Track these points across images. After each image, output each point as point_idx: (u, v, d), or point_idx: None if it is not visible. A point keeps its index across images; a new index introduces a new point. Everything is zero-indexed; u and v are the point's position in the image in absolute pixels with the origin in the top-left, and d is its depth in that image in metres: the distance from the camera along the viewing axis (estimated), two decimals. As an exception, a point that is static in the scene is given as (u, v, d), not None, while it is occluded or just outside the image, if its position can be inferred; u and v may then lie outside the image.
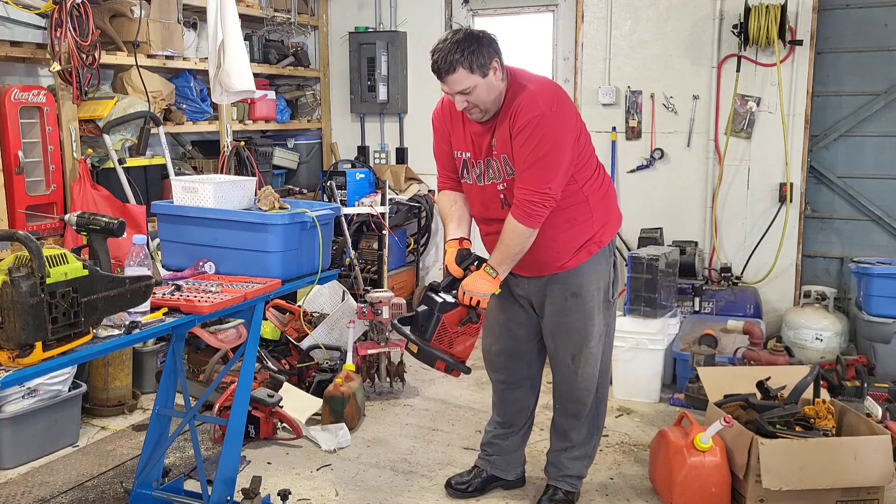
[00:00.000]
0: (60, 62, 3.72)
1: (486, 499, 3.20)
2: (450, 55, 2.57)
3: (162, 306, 2.32)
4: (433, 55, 2.62)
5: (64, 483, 3.29)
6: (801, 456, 2.87)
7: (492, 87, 2.62)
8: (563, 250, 2.84)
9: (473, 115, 2.71)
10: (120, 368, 3.98)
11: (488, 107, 2.66)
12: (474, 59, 2.57)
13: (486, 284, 2.72)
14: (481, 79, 2.59)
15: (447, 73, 2.59)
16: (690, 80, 5.20)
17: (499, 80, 2.63)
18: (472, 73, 2.57)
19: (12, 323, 1.84)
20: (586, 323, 2.91)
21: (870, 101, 4.93)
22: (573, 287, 2.87)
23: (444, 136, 2.91)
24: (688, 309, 4.91)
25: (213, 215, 2.78)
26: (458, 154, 2.86)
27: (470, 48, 2.56)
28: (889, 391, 3.89)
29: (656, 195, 5.35)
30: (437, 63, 2.60)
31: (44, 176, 3.88)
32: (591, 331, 2.92)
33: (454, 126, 2.85)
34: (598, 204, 2.87)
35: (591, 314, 2.91)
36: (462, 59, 2.56)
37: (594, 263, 2.89)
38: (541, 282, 2.91)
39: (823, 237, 5.18)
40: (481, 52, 2.58)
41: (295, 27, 5.80)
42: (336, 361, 4.24)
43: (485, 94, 2.62)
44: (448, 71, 2.58)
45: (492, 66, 2.60)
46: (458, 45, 2.57)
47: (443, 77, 2.61)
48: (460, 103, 2.65)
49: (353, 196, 5.49)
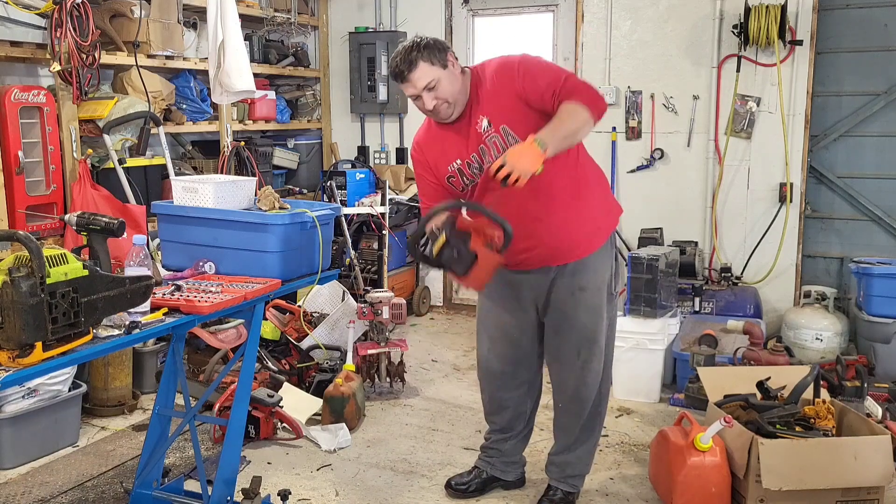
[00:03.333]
0: (60, 62, 3.72)
1: (485, 499, 3.20)
2: (408, 55, 2.66)
3: (162, 306, 2.32)
4: (391, 64, 2.72)
5: (64, 483, 3.29)
6: (801, 456, 2.87)
7: (454, 78, 2.70)
8: (577, 233, 2.82)
9: (442, 112, 2.73)
10: (120, 368, 3.98)
11: (456, 98, 2.71)
12: (431, 52, 2.66)
13: (532, 159, 2.41)
14: (442, 70, 2.66)
15: (409, 70, 2.66)
16: (690, 80, 5.20)
17: (458, 73, 2.72)
18: (433, 65, 2.66)
19: (12, 323, 1.84)
20: (593, 317, 2.90)
21: (870, 101, 4.94)
22: (580, 281, 2.87)
23: (428, 167, 2.89)
24: (688, 309, 4.91)
25: (213, 215, 2.77)
26: (451, 169, 2.82)
27: (424, 45, 2.67)
28: (889, 391, 3.89)
29: (656, 195, 5.35)
30: (399, 65, 2.67)
31: (44, 176, 3.88)
32: (598, 325, 2.92)
33: (437, 145, 2.84)
34: (598, 185, 2.92)
35: (598, 308, 2.91)
36: (420, 54, 2.65)
37: (600, 256, 2.89)
38: (548, 277, 2.88)
39: (823, 237, 5.18)
40: (436, 46, 2.68)
41: (295, 27, 5.80)
42: (336, 361, 4.24)
43: (449, 86, 2.68)
44: (410, 68, 2.66)
45: (449, 59, 2.69)
46: (414, 45, 2.68)
47: (405, 76, 2.67)
48: (429, 101, 2.69)
49: (353, 196, 5.49)
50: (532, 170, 2.40)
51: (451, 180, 2.85)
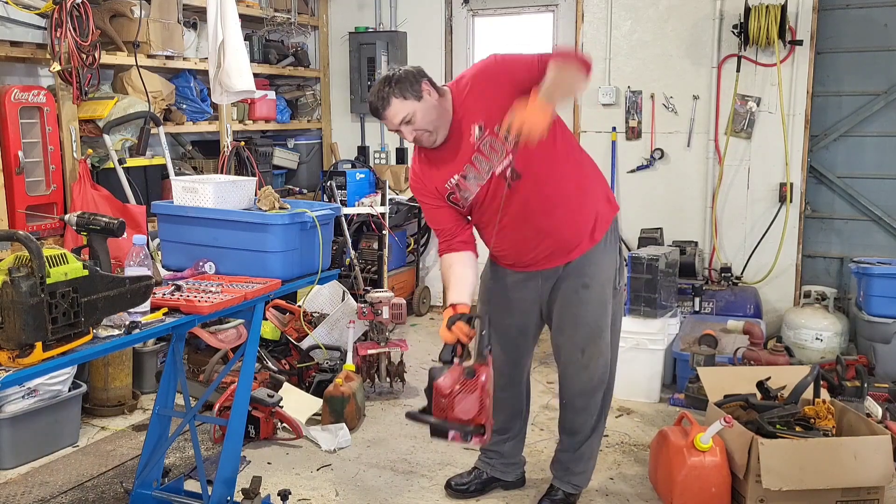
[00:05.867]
0: (60, 62, 3.72)
1: (485, 499, 3.20)
2: (380, 92, 2.67)
3: (162, 306, 2.32)
4: (368, 99, 2.74)
5: (64, 483, 3.29)
6: (801, 456, 2.87)
7: (430, 108, 2.67)
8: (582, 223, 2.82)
9: (424, 141, 2.73)
10: (120, 368, 3.98)
11: (436, 125, 2.70)
12: (403, 87, 2.65)
13: (539, 111, 2.43)
14: (417, 102, 2.65)
15: (384, 108, 2.67)
16: (690, 80, 5.20)
17: (435, 99, 2.69)
18: (406, 99, 2.65)
19: (12, 323, 1.84)
20: (597, 313, 2.90)
21: (870, 101, 4.93)
22: (585, 278, 2.86)
23: (428, 192, 2.88)
24: (688, 309, 4.91)
25: (213, 215, 2.78)
26: (449, 185, 2.81)
27: (396, 80, 2.66)
28: (889, 391, 3.89)
29: (656, 195, 5.35)
30: (374, 104, 2.69)
31: (44, 176, 3.88)
32: (603, 321, 2.92)
33: (433, 169, 2.83)
34: (593, 173, 2.93)
35: (603, 304, 2.91)
36: (392, 90, 2.65)
37: (603, 251, 2.88)
38: (553, 276, 2.88)
39: (823, 237, 5.18)
40: (408, 79, 2.66)
41: (295, 27, 5.80)
42: (336, 361, 4.24)
43: (426, 116, 2.67)
44: (384, 106, 2.66)
45: (423, 89, 2.67)
46: (385, 81, 2.67)
47: (381, 113, 2.69)
48: (409, 134, 2.70)
49: (353, 196, 5.49)
50: (545, 123, 2.42)
51: (451, 197, 2.85)
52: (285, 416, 3.66)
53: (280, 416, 3.66)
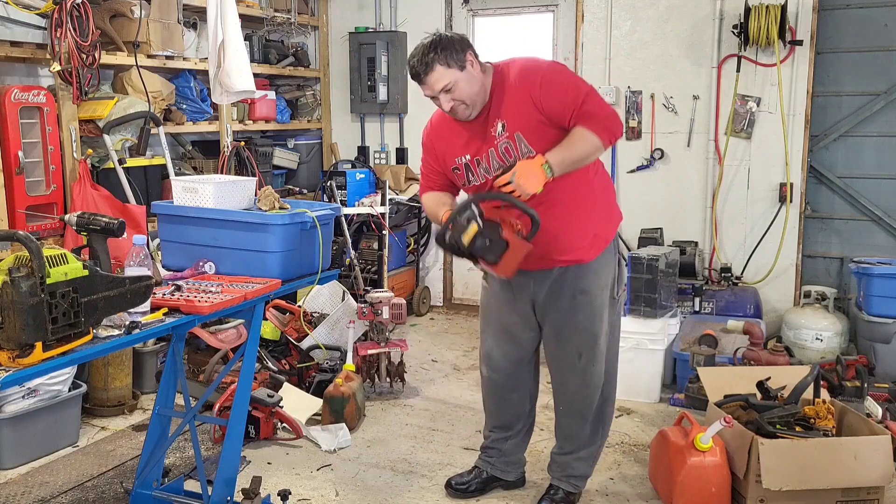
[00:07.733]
0: (60, 62, 3.72)
1: (486, 499, 3.20)
2: (424, 57, 2.63)
3: (162, 306, 2.32)
4: (409, 62, 2.68)
5: (64, 483, 3.29)
6: (801, 456, 2.87)
7: (472, 80, 2.66)
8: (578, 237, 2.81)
9: (459, 113, 2.71)
10: (120, 368, 3.98)
11: (474, 100, 2.68)
12: (449, 54, 2.62)
13: (537, 180, 2.51)
14: (460, 72, 2.63)
15: (426, 73, 2.64)
16: (690, 80, 5.20)
17: (478, 73, 2.68)
18: (450, 67, 2.62)
19: (12, 323, 1.84)
20: (594, 321, 2.90)
21: (870, 102, 4.93)
22: (581, 285, 2.86)
23: (435, 153, 2.89)
24: (688, 309, 4.91)
25: (213, 215, 2.77)
26: (458, 161, 2.82)
27: (442, 46, 2.62)
28: (889, 391, 3.90)
29: (656, 195, 5.36)
30: (415, 67, 2.65)
31: (44, 176, 3.88)
32: (599, 328, 2.92)
33: (449, 136, 2.83)
34: (603, 192, 2.91)
35: (599, 311, 2.90)
36: (437, 56, 2.61)
37: (602, 261, 2.88)
38: (549, 277, 2.88)
39: (823, 237, 5.18)
40: (454, 47, 2.64)
41: (295, 27, 5.80)
42: (336, 361, 4.24)
43: (467, 88, 2.65)
44: (426, 71, 2.63)
45: (467, 60, 2.65)
46: (431, 45, 2.63)
47: (423, 79, 2.66)
48: (446, 103, 2.68)
49: (353, 196, 5.49)
50: (534, 191, 2.52)
51: (455, 171, 2.85)
52: (285, 416, 3.66)
53: (280, 416, 3.66)
